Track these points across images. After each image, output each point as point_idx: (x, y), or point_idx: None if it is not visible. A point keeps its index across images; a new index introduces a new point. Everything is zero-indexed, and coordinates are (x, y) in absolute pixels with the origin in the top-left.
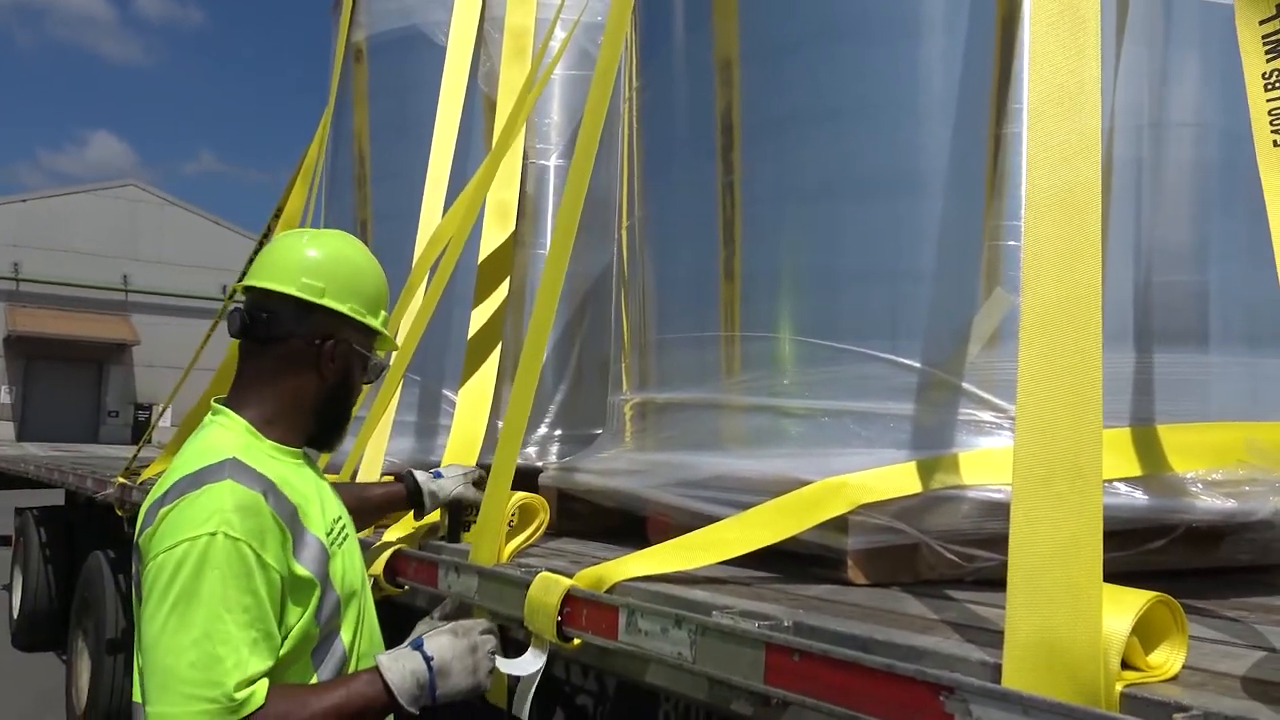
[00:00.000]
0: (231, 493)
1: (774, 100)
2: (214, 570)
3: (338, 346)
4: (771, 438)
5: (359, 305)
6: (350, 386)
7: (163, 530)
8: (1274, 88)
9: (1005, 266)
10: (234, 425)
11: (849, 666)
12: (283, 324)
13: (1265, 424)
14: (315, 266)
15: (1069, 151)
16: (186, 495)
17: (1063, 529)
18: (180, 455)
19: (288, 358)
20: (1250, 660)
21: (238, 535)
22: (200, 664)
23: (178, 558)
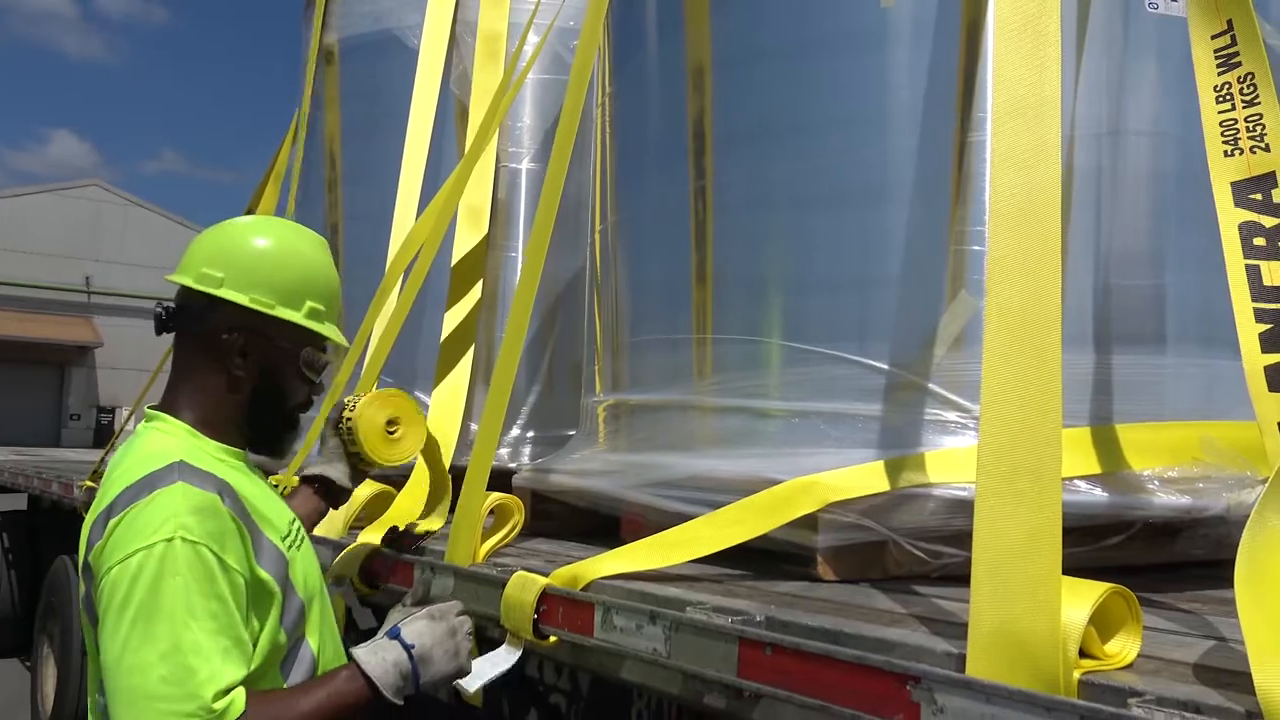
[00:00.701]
0: (185, 495)
1: (745, 107)
2: (174, 578)
3: (248, 341)
4: (743, 438)
5: (265, 295)
6: (278, 385)
7: (113, 543)
8: (1225, 100)
9: (970, 271)
10: (173, 428)
11: (820, 659)
12: (191, 318)
13: (1219, 423)
14: (218, 254)
15: (1030, 161)
16: (135, 503)
17: (1024, 525)
18: (119, 464)
19: (205, 354)
20: (1203, 649)
21: (196, 539)
22: (172, 678)
23: (133, 570)
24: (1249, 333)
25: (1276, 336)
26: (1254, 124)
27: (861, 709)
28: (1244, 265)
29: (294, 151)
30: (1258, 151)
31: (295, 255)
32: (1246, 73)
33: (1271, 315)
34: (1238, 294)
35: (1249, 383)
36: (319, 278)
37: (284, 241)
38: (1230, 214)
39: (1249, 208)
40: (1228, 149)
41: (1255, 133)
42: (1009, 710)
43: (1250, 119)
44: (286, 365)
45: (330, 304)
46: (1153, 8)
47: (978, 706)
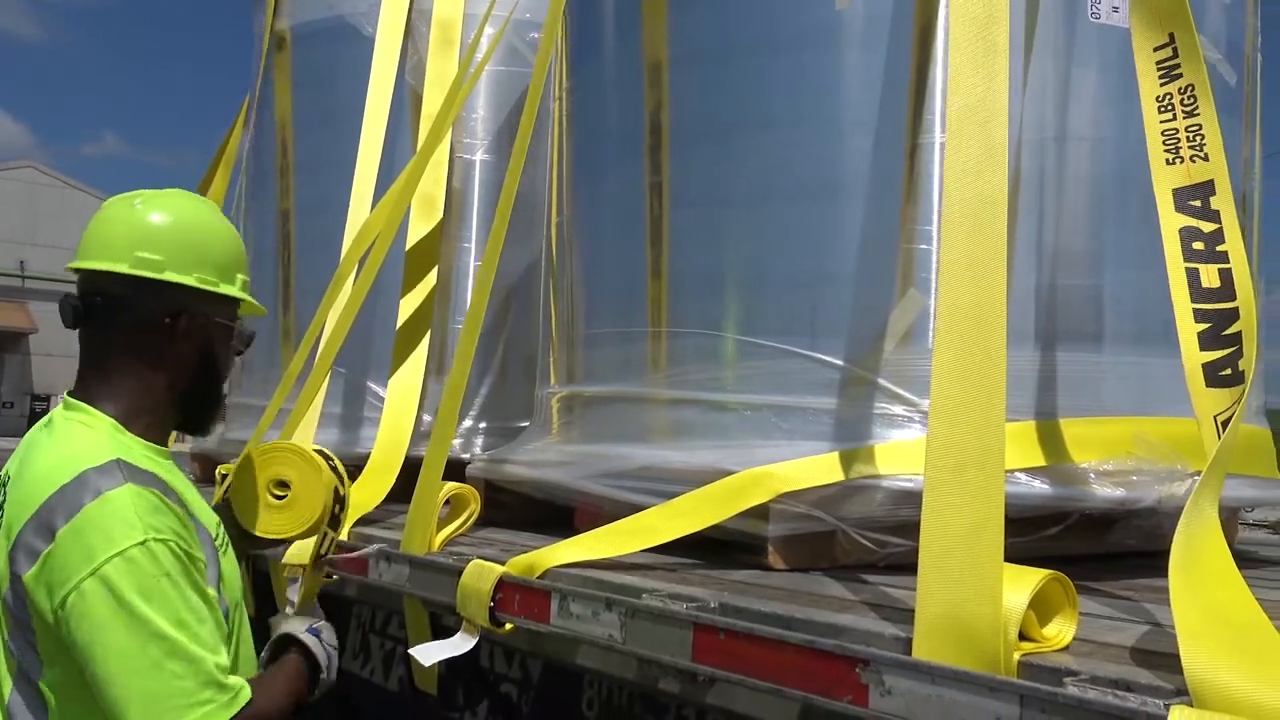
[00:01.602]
0: (137, 496)
1: (701, 104)
2: (159, 579)
3: (193, 321)
4: (696, 430)
5: (208, 274)
6: (216, 361)
7: (67, 554)
8: (1166, 110)
9: (919, 269)
10: (97, 423)
11: (773, 643)
12: (123, 305)
13: (1152, 418)
14: (152, 235)
15: (980, 168)
16: (83, 509)
17: (969, 514)
18: (36, 460)
19: (138, 343)
20: (1135, 633)
21: (166, 537)
22: (183, 672)
23: (111, 579)
24: (1188, 332)
25: (1214, 336)
26: (1194, 134)
27: (813, 691)
28: (1184, 268)
29: (245, 137)
30: (1197, 160)
31: (222, 229)
32: (1187, 84)
33: (1209, 315)
34: (1178, 295)
35: (1188, 379)
36: (241, 249)
37: (204, 215)
38: (1171, 219)
39: (1189, 213)
40: (1169, 157)
41: (1195, 142)
42: (953, 690)
43: (1190, 129)
44: (222, 341)
45: (247, 272)
46: (1095, 17)
47: (924, 687)
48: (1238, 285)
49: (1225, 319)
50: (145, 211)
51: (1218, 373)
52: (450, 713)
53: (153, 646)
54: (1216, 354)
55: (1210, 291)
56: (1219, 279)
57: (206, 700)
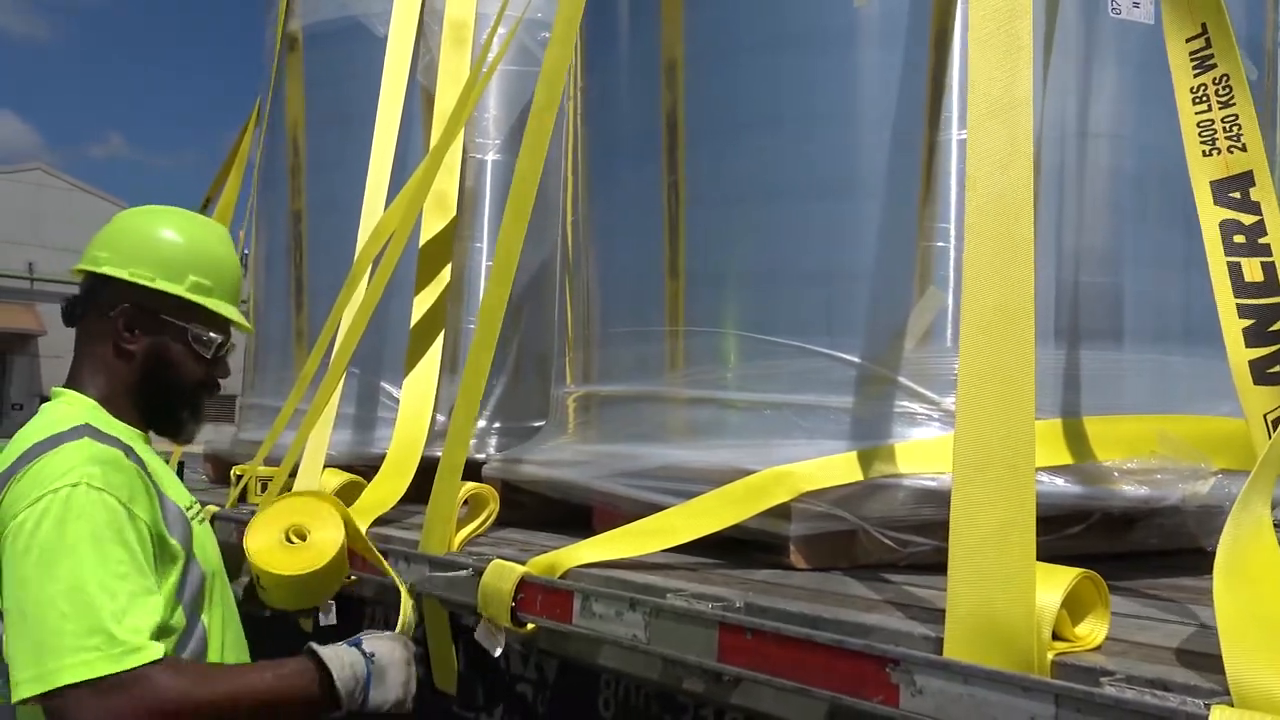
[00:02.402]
0: (89, 447)
1: (718, 103)
2: (79, 520)
3: (134, 317)
4: (715, 429)
5: (144, 269)
6: (168, 362)
7: (15, 494)
8: (1201, 101)
9: (937, 266)
10: (78, 402)
11: (800, 643)
12: (83, 301)
13: (1174, 416)
14: (107, 238)
15: (1004, 161)
16: (41, 457)
17: (999, 512)
18: (22, 434)
19: (96, 334)
20: (1165, 631)
21: (101, 486)
22: (73, 613)
23: (37, 514)
24: (1233, 328)
25: (1259, 332)
26: (1230, 124)
27: (842, 691)
28: (1225, 263)
29: (256, 138)
30: (1235, 151)
31: (182, 233)
32: (1222, 74)
33: (1254, 311)
34: (1220, 291)
35: (1235, 377)
36: (204, 254)
37: (170, 222)
38: (1210, 212)
39: (1228, 206)
40: (1206, 149)
41: (1232, 133)
42: (986, 690)
43: (1226, 119)
44: (175, 342)
45: (220, 282)
46: (1115, 13)
47: (956, 687)
48: None
49: (1271, 314)
50: (118, 220)
51: (1265, 370)
52: (467, 713)
53: (51, 584)
54: (1264, 350)
55: (1254, 286)
56: (1262, 273)
57: (91, 648)
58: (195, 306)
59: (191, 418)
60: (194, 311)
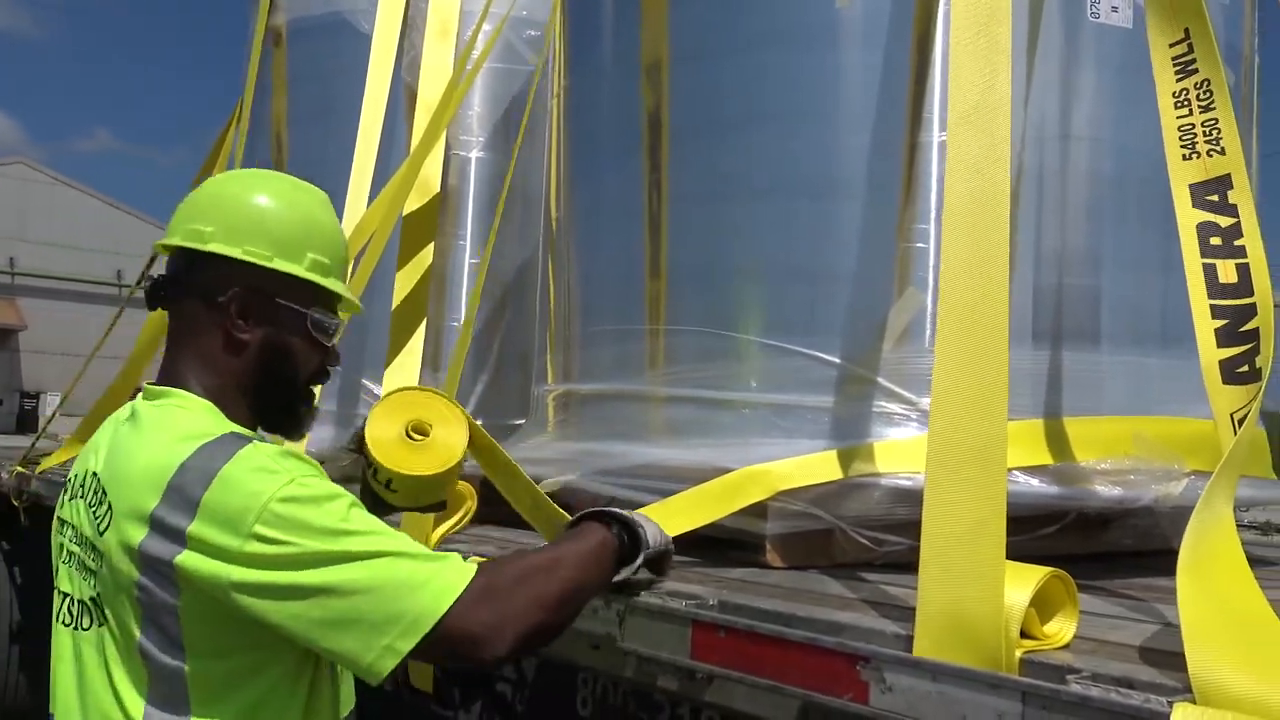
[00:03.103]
0: (267, 449)
1: (701, 102)
2: (322, 505)
3: (247, 302)
4: (694, 428)
5: (260, 247)
6: (287, 351)
7: (225, 510)
8: (1183, 105)
9: (916, 267)
10: (193, 405)
11: (773, 640)
12: (181, 282)
13: (1150, 418)
14: (207, 209)
15: (981, 165)
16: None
17: (971, 511)
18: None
19: (198, 321)
20: (1135, 631)
21: (311, 472)
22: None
23: (270, 523)
24: (1205, 328)
25: (1231, 332)
26: (1210, 128)
27: (813, 688)
28: (1201, 264)
29: (238, 134)
30: (1214, 155)
31: (293, 203)
32: (1203, 79)
33: (1227, 311)
34: (1195, 291)
35: (1205, 376)
36: (321, 229)
37: (279, 192)
38: (1188, 214)
39: (1206, 208)
40: (1186, 152)
41: (1211, 136)
42: (955, 687)
43: (1206, 124)
44: (293, 327)
45: (336, 259)
46: (1094, 17)
47: (925, 685)
48: (1255, 281)
49: (1243, 315)
50: (214, 188)
51: (1235, 369)
52: (445, 711)
53: (364, 557)
54: (1234, 350)
55: (1228, 287)
56: (1236, 274)
57: (433, 573)
58: (314, 288)
59: (308, 412)
60: (312, 294)
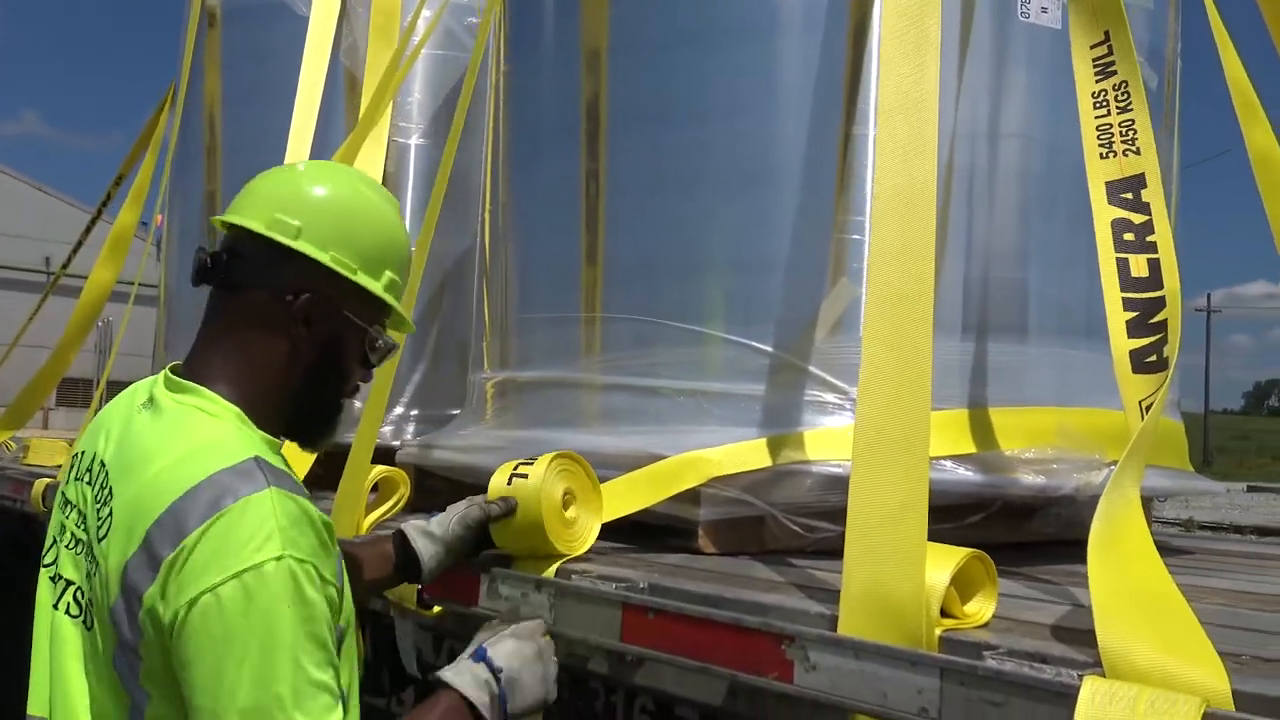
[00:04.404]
0: (281, 504)
1: (639, 93)
2: (290, 605)
3: (316, 307)
4: (629, 415)
5: (347, 256)
6: (339, 365)
7: (200, 558)
8: (1101, 105)
9: (850, 258)
10: (221, 412)
11: (700, 622)
12: (248, 268)
13: (1073, 409)
14: (293, 200)
15: (910, 154)
16: (221, 514)
17: (894, 494)
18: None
19: (256, 314)
20: (1051, 611)
21: (303, 556)
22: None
23: (238, 596)
24: (1117, 320)
25: (1141, 323)
26: (1127, 129)
27: (740, 669)
28: (1115, 258)
29: (171, 117)
30: (1129, 154)
31: (382, 216)
32: (1121, 81)
33: (1137, 304)
34: (1108, 284)
35: (1115, 365)
36: (401, 249)
37: (368, 198)
38: (1104, 211)
39: (1121, 206)
40: (1103, 151)
41: (1128, 137)
42: (876, 665)
43: (1124, 124)
44: (352, 343)
45: (405, 280)
46: (1024, 17)
47: (848, 662)
48: (1165, 275)
49: (1153, 307)
50: (303, 176)
51: (1144, 359)
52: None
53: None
54: (1143, 341)
55: (1139, 280)
56: (1148, 269)
57: None
58: (382, 307)
59: (335, 427)
60: (377, 311)
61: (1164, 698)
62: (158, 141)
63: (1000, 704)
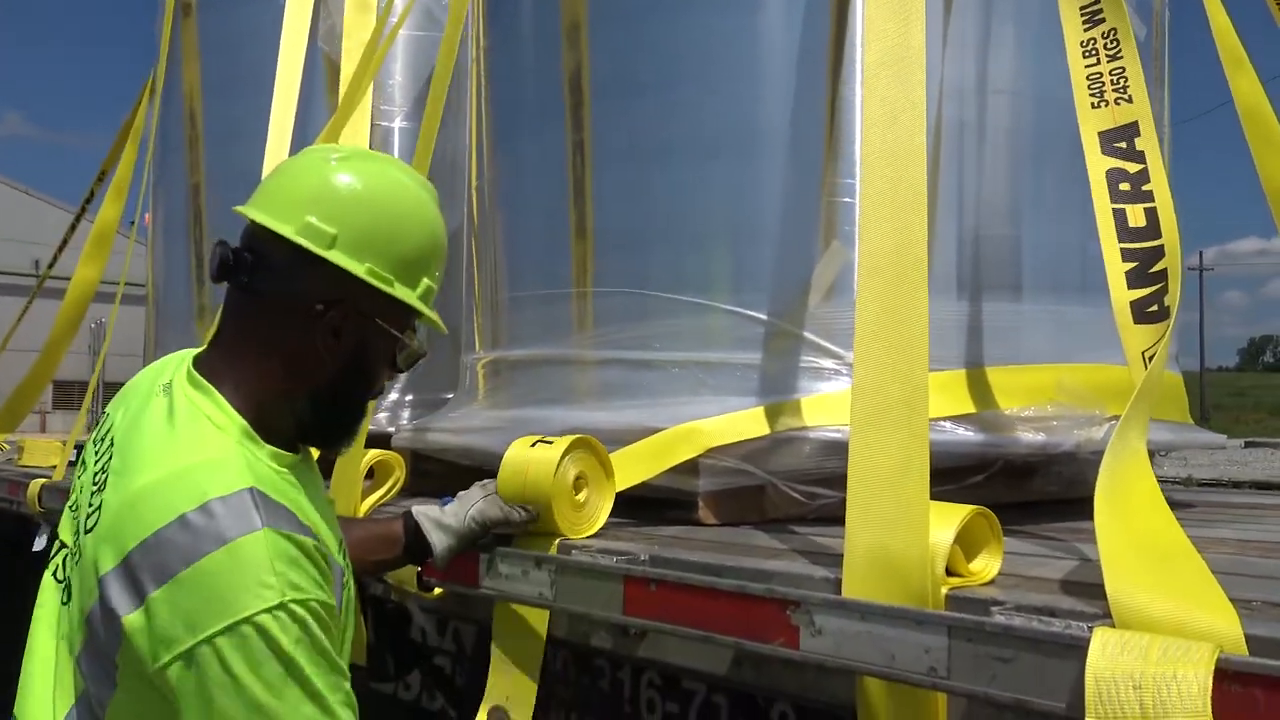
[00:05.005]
0: (274, 544)
1: (622, 63)
2: (298, 651)
3: (346, 318)
4: (623, 389)
5: (384, 266)
6: (367, 373)
7: (180, 609)
8: (1090, 54)
9: (842, 222)
10: (227, 424)
11: (703, 591)
12: (274, 273)
13: (1071, 365)
14: (333, 203)
15: (898, 110)
16: (207, 556)
17: (895, 453)
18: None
19: (280, 320)
20: (1057, 566)
21: (306, 595)
22: None
23: (236, 650)
24: (1116, 271)
25: (1141, 274)
26: (1118, 77)
27: (745, 636)
28: (1110, 209)
29: (150, 109)
30: (1121, 103)
31: (422, 216)
32: (1110, 28)
33: (1136, 254)
34: (1105, 236)
35: (1116, 317)
36: (440, 252)
37: (409, 195)
38: (1098, 161)
39: (1114, 155)
40: (1094, 101)
41: (1119, 85)
42: (883, 626)
43: (1114, 72)
44: (381, 349)
45: (439, 283)
46: None
47: (854, 625)
48: (1163, 224)
49: (1151, 257)
50: (338, 171)
51: (1145, 309)
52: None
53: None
54: (1144, 291)
55: (1137, 230)
56: (1145, 218)
57: None
58: (416, 316)
59: (357, 430)
60: (412, 316)
61: (1176, 645)
62: (138, 134)
63: (1009, 659)
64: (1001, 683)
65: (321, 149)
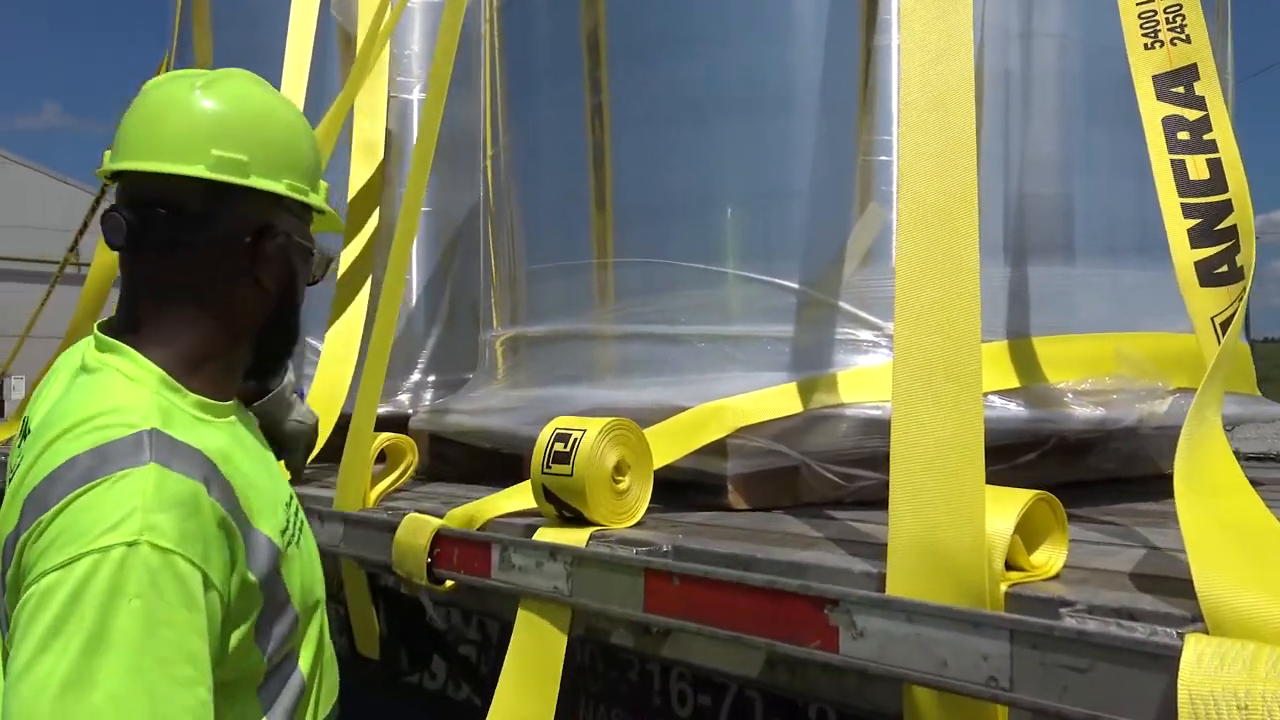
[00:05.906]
0: (159, 482)
1: (642, 20)
2: (133, 600)
3: (272, 241)
4: (647, 366)
5: (297, 179)
6: (297, 293)
7: (50, 538)
8: None
9: (879, 181)
10: (142, 374)
11: (731, 587)
12: (191, 221)
13: (1130, 334)
14: (230, 129)
15: (940, 52)
16: (87, 486)
17: (943, 429)
18: (55, 410)
19: (206, 270)
20: (1126, 557)
21: (169, 545)
22: None
23: (76, 580)
24: (1177, 229)
25: (1205, 231)
26: (1173, 15)
27: (777, 637)
28: (1169, 160)
29: None
30: (1178, 43)
31: (299, 121)
32: None
33: (1200, 210)
34: (1164, 190)
35: (1179, 279)
36: (315, 146)
37: (279, 103)
38: (1153, 108)
39: (1171, 101)
40: (1148, 41)
41: (1175, 24)
42: (934, 629)
43: (1170, 10)
44: (301, 266)
45: None
46: None
47: (900, 627)
48: (1229, 176)
49: (1218, 213)
50: (213, 97)
51: (1212, 271)
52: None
53: (81, 697)
54: (1210, 251)
55: (1199, 184)
56: (1208, 170)
57: None
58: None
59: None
60: (308, 225)
61: None
62: None
63: (1085, 670)
64: (1074, 696)
65: (167, 82)
